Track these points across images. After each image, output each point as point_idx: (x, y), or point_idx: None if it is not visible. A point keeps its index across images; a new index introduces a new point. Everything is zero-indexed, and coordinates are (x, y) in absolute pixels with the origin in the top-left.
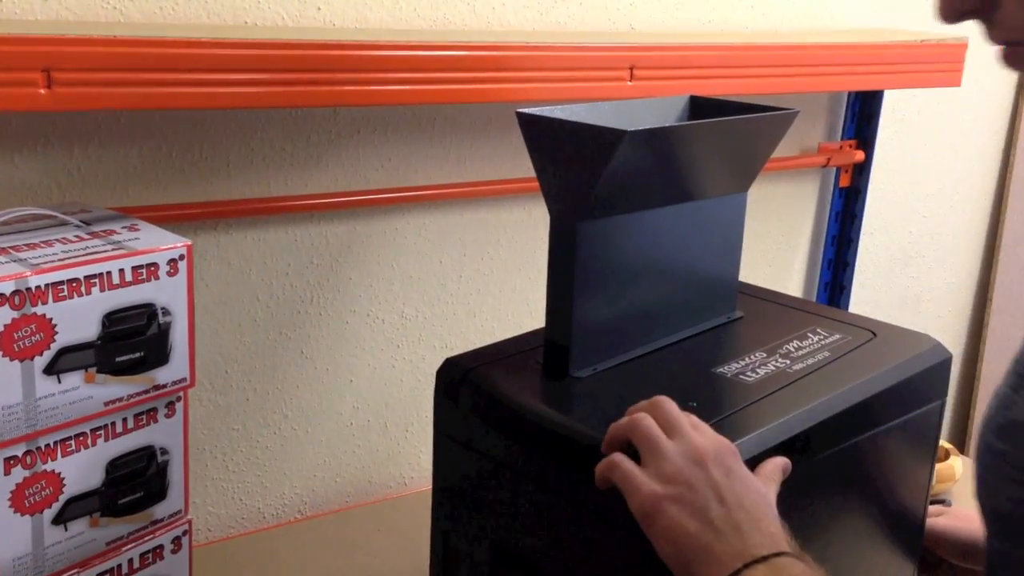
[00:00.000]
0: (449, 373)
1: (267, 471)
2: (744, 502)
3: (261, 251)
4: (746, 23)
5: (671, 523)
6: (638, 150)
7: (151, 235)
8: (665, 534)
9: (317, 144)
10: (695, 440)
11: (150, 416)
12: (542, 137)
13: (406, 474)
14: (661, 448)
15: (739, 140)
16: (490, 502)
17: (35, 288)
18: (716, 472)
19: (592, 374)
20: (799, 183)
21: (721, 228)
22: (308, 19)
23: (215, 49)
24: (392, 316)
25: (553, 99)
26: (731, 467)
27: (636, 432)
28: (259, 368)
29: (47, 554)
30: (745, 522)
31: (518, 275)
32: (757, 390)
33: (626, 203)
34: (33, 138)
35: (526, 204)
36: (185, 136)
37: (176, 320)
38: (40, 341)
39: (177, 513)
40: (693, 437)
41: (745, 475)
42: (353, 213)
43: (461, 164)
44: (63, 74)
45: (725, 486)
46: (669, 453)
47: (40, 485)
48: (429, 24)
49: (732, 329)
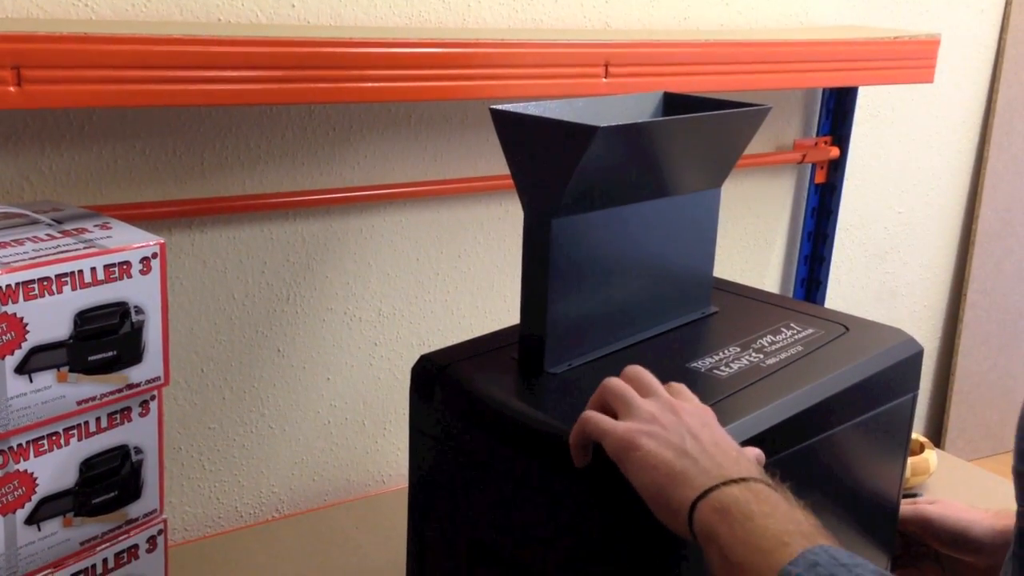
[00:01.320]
0: (423, 369)
1: (244, 470)
2: (720, 443)
3: (237, 249)
4: (722, 20)
5: (647, 453)
6: (610, 146)
7: (123, 233)
8: (641, 463)
9: (292, 142)
10: (670, 398)
11: (124, 415)
12: (515, 133)
13: (384, 472)
14: (635, 402)
15: (712, 136)
16: (465, 497)
17: (5, 287)
18: (691, 420)
19: (567, 369)
20: (775, 179)
21: (695, 224)
22: (283, 16)
23: (188, 46)
24: (369, 314)
25: (529, 96)
26: (707, 421)
27: (608, 391)
28: (235, 367)
29: (20, 554)
30: (719, 455)
31: (495, 271)
32: (730, 384)
33: (599, 199)
34: (4, 135)
35: (502, 200)
36: (158, 134)
37: (149, 319)
38: (11, 340)
39: (152, 512)
40: (668, 396)
41: (722, 431)
42: (329, 211)
43: (437, 161)
44: (33, 71)
45: (699, 429)
46: (644, 404)
47: (13, 485)
48: (404, 21)
49: (706, 324)
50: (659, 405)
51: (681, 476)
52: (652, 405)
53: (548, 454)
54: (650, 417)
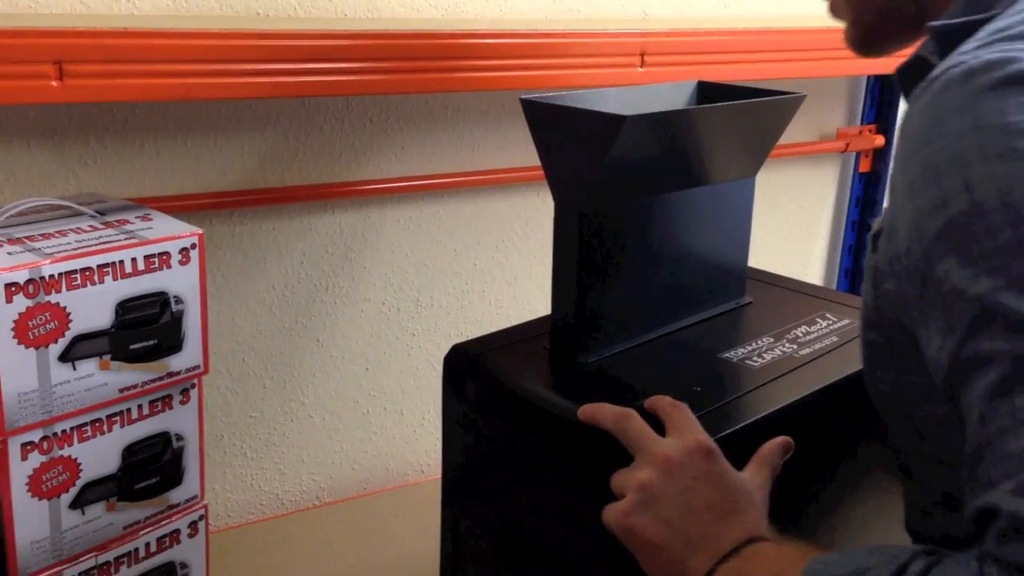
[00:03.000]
0: (455, 359)
1: (285, 458)
2: (714, 503)
3: (276, 240)
4: (764, 8)
5: (644, 541)
6: (639, 135)
7: (163, 224)
8: (640, 548)
9: (330, 134)
10: (666, 453)
11: (165, 403)
12: (545, 123)
13: (423, 461)
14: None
15: (744, 125)
16: (497, 487)
17: (49, 277)
18: (685, 481)
19: (598, 360)
20: (818, 169)
21: (729, 213)
22: (320, 9)
23: (227, 40)
24: (407, 304)
25: (564, 86)
26: (699, 474)
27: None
28: (275, 356)
29: (65, 538)
30: (712, 523)
31: (533, 262)
32: (763, 374)
33: (630, 189)
34: (50, 129)
35: (540, 191)
36: (199, 127)
37: (189, 308)
38: (55, 329)
39: (193, 498)
40: (663, 450)
41: (718, 474)
42: (367, 202)
43: (475, 152)
44: (74, 66)
45: (693, 492)
46: (639, 474)
47: (57, 470)
48: (441, 13)
49: (740, 314)
50: (655, 470)
51: (679, 563)
52: (647, 472)
53: (577, 443)
54: (647, 485)
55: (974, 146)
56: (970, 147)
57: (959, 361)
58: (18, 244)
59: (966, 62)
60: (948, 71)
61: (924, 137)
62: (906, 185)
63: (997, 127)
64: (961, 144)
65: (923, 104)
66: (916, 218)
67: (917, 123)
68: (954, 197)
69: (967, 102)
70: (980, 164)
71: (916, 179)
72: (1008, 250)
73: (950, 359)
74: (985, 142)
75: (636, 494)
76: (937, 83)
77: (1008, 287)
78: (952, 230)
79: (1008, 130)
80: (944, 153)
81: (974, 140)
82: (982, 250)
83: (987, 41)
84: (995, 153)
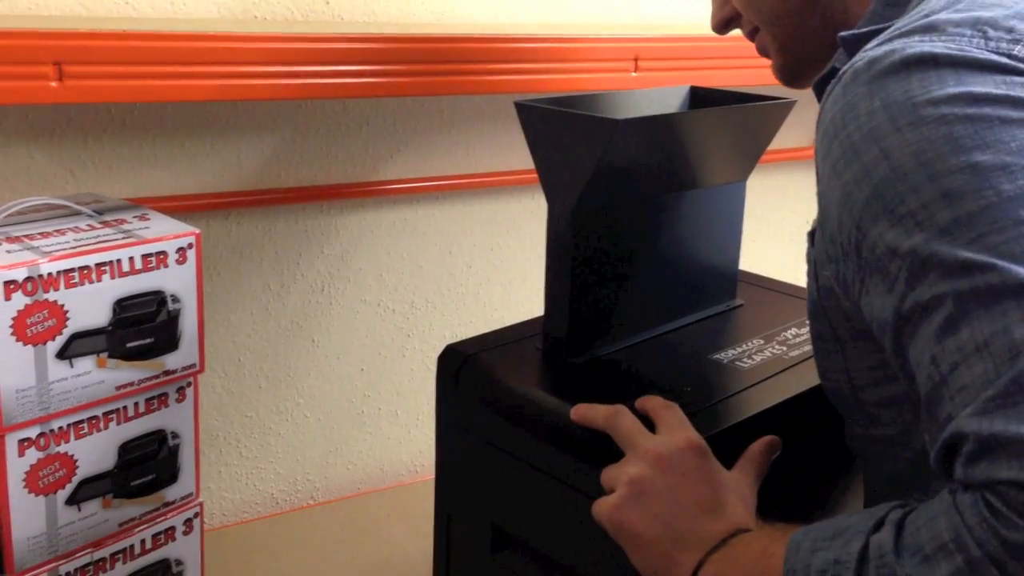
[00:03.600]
0: (449, 359)
1: (279, 457)
2: (702, 498)
3: (272, 241)
4: None
5: (633, 535)
6: (632, 139)
7: (161, 224)
8: (629, 543)
9: (326, 136)
10: (656, 449)
11: (161, 401)
12: (538, 127)
13: (417, 461)
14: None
15: (736, 129)
16: (489, 485)
17: (47, 275)
18: (674, 478)
19: (590, 360)
20: (810, 173)
21: (721, 216)
22: (317, 13)
23: (225, 43)
24: (402, 305)
25: (558, 90)
26: (688, 470)
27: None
28: (271, 356)
29: (61, 534)
30: (700, 518)
31: (527, 264)
32: (752, 376)
33: (622, 192)
34: (49, 130)
35: (534, 194)
36: (197, 129)
37: (185, 307)
38: (53, 327)
39: (188, 496)
40: (653, 445)
41: (707, 471)
42: (362, 203)
43: (469, 155)
44: (73, 67)
45: (681, 488)
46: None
47: (54, 467)
48: (436, 17)
49: (731, 316)
50: (645, 465)
51: (668, 558)
52: (637, 467)
53: (570, 443)
54: (637, 480)
55: (886, 120)
56: (882, 122)
57: (903, 316)
58: (17, 243)
59: (868, 56)
60: (853, 64)
61: (840, 122)
62: (830, 168)
63: (903, 101)
64: (874, 120)
65: (835, 96)
66: (843, 195)
67: (831, 113)
68: (875, 167)
69: (873, 85)
70: (894, 135)
71: (838, 160)
72: (932, 204)
73: (894, 317)
74: (895, 115)
75: (626, 488)
76: (845, 75)
77: (939, 236)
78: (878, 196)
79: (913, 102)
80: (860, 132)
81: (885, 115)
82: (908, 208)
83: (887, 38)
84: (906, 122)
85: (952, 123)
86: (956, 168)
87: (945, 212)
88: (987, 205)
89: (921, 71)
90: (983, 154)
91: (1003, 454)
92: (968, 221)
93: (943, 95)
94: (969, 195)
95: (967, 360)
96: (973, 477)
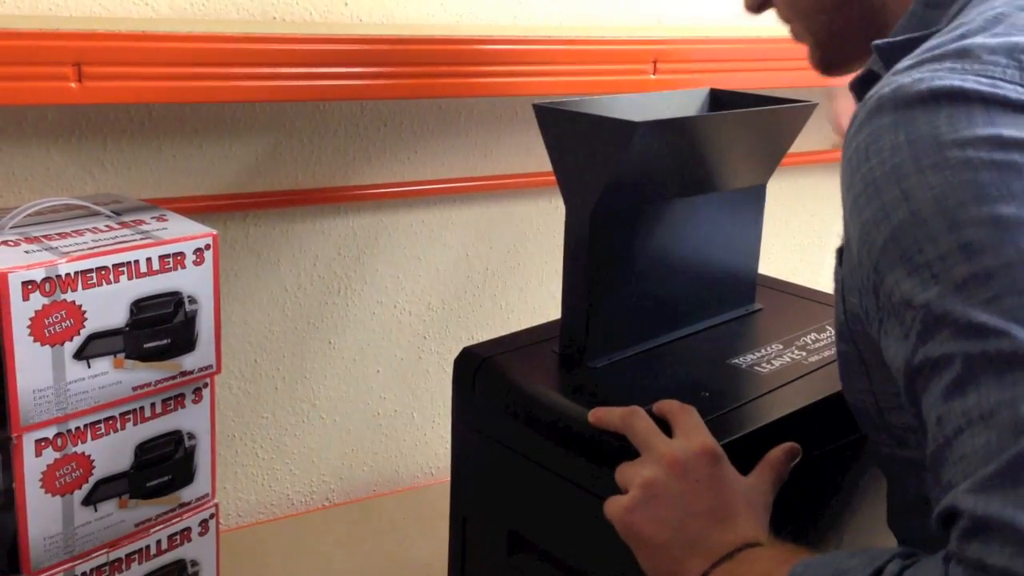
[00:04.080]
0: (465, 361)
1: (295, 459)
2: (717, 506)
3: (290, 242)
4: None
5: (644, 538)
6: (652, 142)
7: (178, 225)
8: (640, 546)
9: (344, 137)
10: (672, 452)
11: (177, 402)
12: (557, 129)
13: (432, 464)
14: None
15: (755, 132)
16: (504, 488)
17: (65, 275)
18: (688, 484)
19: (607, 364)
20: (832, 177)
21: (740, 220)
22: (336, 14)
23: (244, 44)
24: (419, 308)
25: (577, 92)
26: (701, 477)
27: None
28: (287, 357)
29: (77, 534)
30: (711, 526)
31: (544, 267)
32: (770, 381)
33: (641, 194)
34: (68, 130)
35: (552, 197)
36: (215, 130)
37: (202, 308)
38: (70, 327)
39: (204, 497)
40: (669, 449)
41: (721, 478)
42: (380, 205)
43: (487, 157)
44: (93, 68)
45: (694, 495)
46: (644, 469)
47: (70, 467)
48: (455, 19)
49: (750, 321)
50: (659, 469)
51: (676, 563)
52: (652, 469)
53: (586, 447)
54: (650, 483)
55: (909, 158)
56: (906, 160)
57: (914, 368)
58: (35, 243)
59: (896, 82)
60: (879, 91)
61: (863, 154)
62: (852, 202)
63: (928, 139)
64: (897, 157)
65: (859, 122)
66: (863, 233)
67: (855, 142)
68: (895, 208)
69: (899, 117)
70: (916, 175)
71: (859, 196)
72: (950, 256)
73: (906, 367)
74: (919, 153)
75: (639, 491)
76: (870, 102)
77: (954, 292)
78: (896, 240)
79: (939, 141)
80: (882, 168)
81: (908, 153)
82: (925, 258)
83: (918, 60)
84: (929, 164)
85: (978, 169)
86: (977, 219)
87: (962, 267)
88: (1006, 263)
89: (950, 106)
90: (1007, 206)
91: (996, 539)
92: (985, 279)
93: (971, 136)
94: (988, 250)
95: (971, 427)
96: (966, 554)
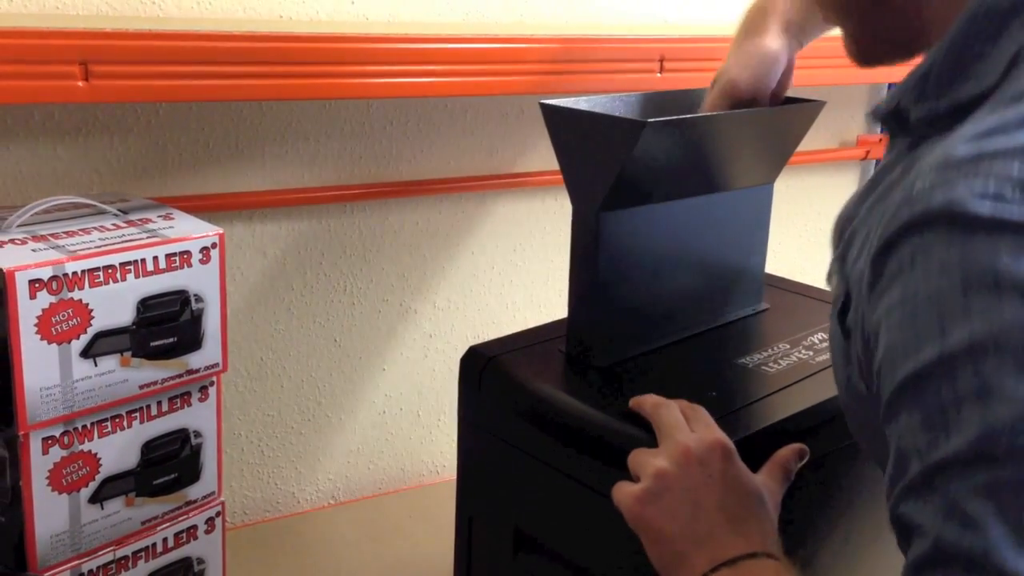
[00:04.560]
0: (471, 360)
1: (301, 457)
2: (726, 504)
3: (296, 241)
4: None
5: (653, 531)
6: (659, 141)
7: (185, 224)
8: (647, 537)
9: (350, 136)
10: (686, 444)
11: (184, 400)
12: (564, 128)
13: (438, 462)
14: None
15: (763, 131)
16: (510, 487)
17: (72, 274)
18: (699, 478)
19: (614, 363)
20: (837, 176)
21: (747, 219)
22: (342, 13)
23: (251, 43)
24: (425, 306)
25: (583, 91)
26: (713, 473)
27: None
28: (293, 356)
29: (84, 531)
30: (719, 525)
31: (550, 265)
32: (778, 380)
33: (648, 194)
34: (75, 129)
35: (558, 195)
36: (221, 128)
37: (208, 306)
38: (77, 325)
39: (211, 495)
40: (683, 439)
41: (734, 475)
42: (386, 204)
43: (493, 156)
44: (99, 67)
45: (705, 490)
46: (656, 460)
47: (77, 464)
48: (462, 17)
49: (757, 320)
50: (672, 461)
51: (681, 557)
52: (665, 461)
53: (592, 446)
54: (663, 475)
55: (958, 291)
56: (955, 292)
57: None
58: (42, 241)
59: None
60: (932, 192)
61: (908, 259)
62: (883, 308)
63: (985, 272)
64: (945, 280)
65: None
66: (887, 348)
67: (900, 221)
68: (927, 343)
69: (954, 231)
70: (961, 317)
71: (893, 307)
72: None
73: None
74: (969, 286)
75: (651, 481)
76: (924, 167)
77: (962, 465)
78: (919, 389)
79: (997, 280)
80: (927, 289)
81: (959, 282)
82: (943, 411)
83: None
84: (979, 309)
85: None
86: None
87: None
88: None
89: (1015, 238)
90: None
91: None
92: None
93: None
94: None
95: None
96: None
